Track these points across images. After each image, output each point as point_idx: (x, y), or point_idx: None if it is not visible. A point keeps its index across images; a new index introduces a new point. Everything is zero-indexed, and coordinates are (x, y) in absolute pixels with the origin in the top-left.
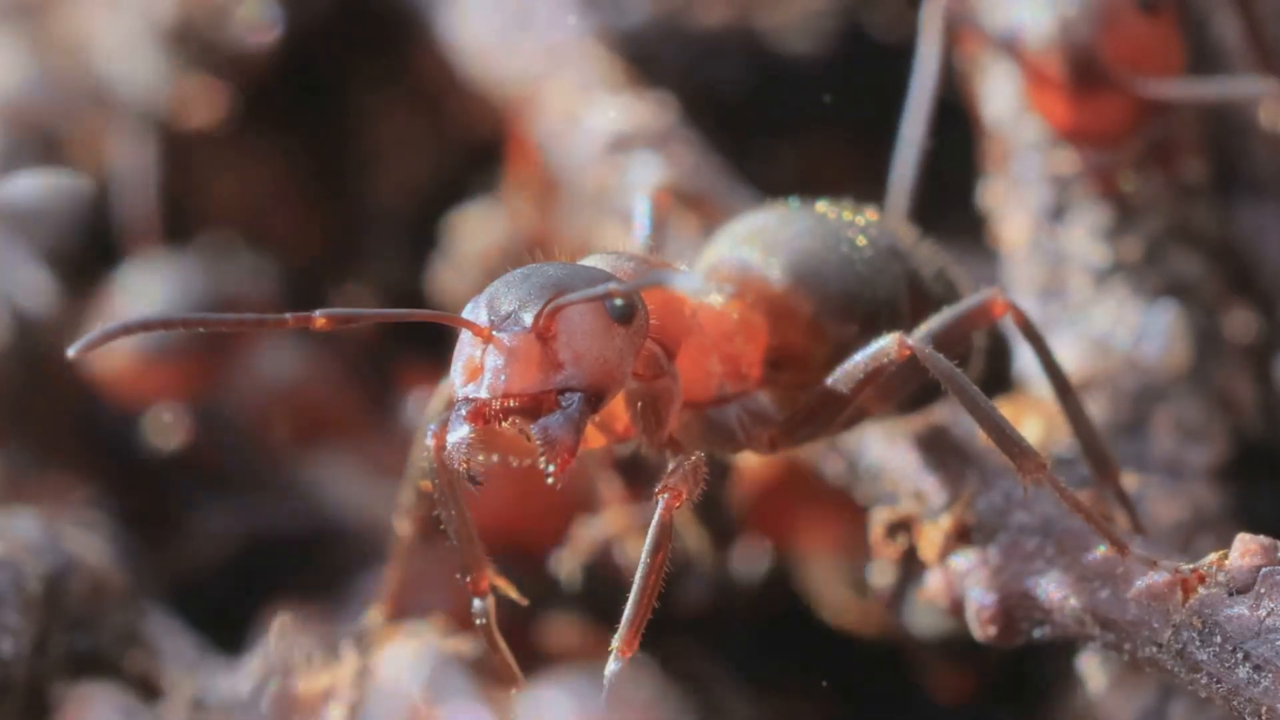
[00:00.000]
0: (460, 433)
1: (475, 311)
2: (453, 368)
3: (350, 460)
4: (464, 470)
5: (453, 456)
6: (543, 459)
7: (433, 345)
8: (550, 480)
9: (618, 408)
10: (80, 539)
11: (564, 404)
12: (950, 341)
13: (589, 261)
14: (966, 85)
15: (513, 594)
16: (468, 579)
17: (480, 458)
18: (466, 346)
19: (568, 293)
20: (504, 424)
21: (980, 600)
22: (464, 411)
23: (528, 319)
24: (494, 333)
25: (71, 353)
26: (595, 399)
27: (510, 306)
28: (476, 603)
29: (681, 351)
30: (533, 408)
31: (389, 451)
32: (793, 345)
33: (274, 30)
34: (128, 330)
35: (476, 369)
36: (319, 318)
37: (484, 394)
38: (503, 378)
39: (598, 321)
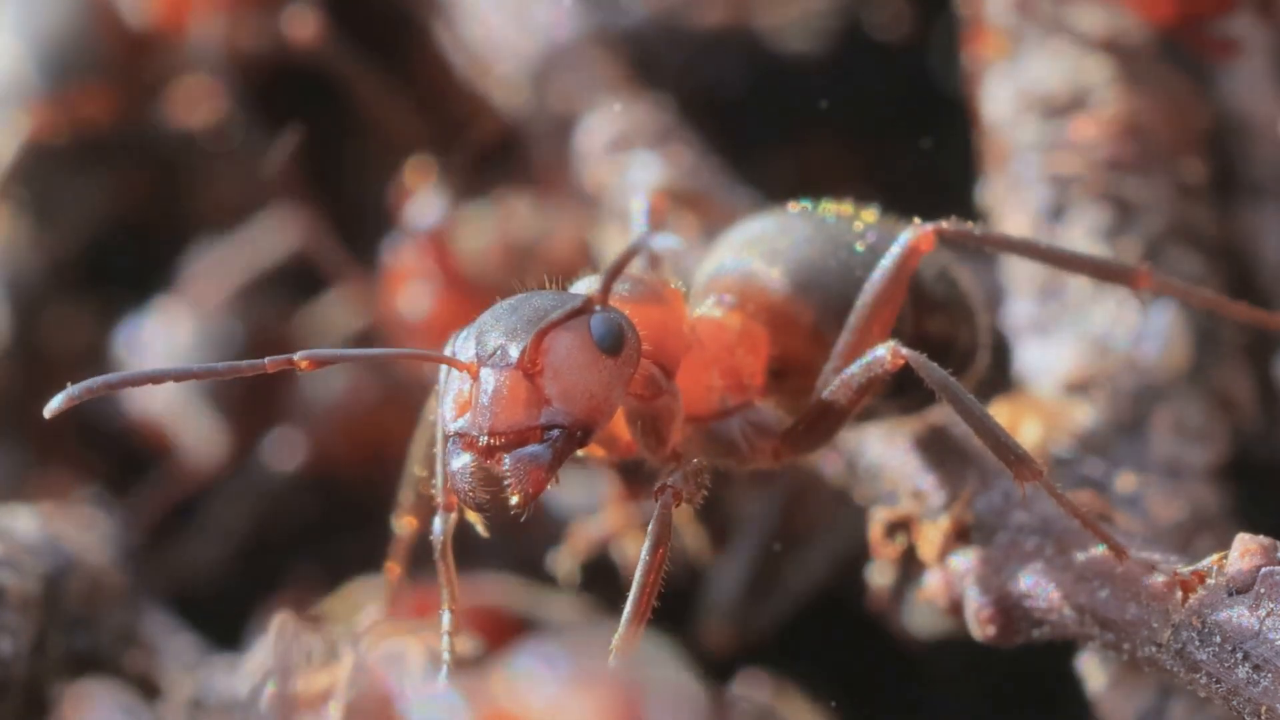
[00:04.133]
0: (461, 461)
1: (465, 345)
2: (443, 401)
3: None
4: (471, 499)
5: (457, 485)
6: (509, 490)
7: None
8: (513, 512)
9: (619, 426)
10: (80, 539)
11: (546, 439)
12: (895, 293)
13: (582, 284)
14: (971, 84)
15: (481, 527)
16: (432, 494)
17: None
18: (455, 380)
19: (560, 324)
20: (491, 460)
21: (979, 600)
22: (459, 443)
23: (514, 354)
24: (481, 368)
25: (48, 412)
26: (582, 433)
27: (497, 341)
28: (436, 521)
29: (681, 368)
30: (519, 442)
31: None
32: (795, 354)
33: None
34: (109, 387)
35: (466, 403)
36: (300, 360)
37: (472, 431)
38: (488, 415)
39: (584, 354)
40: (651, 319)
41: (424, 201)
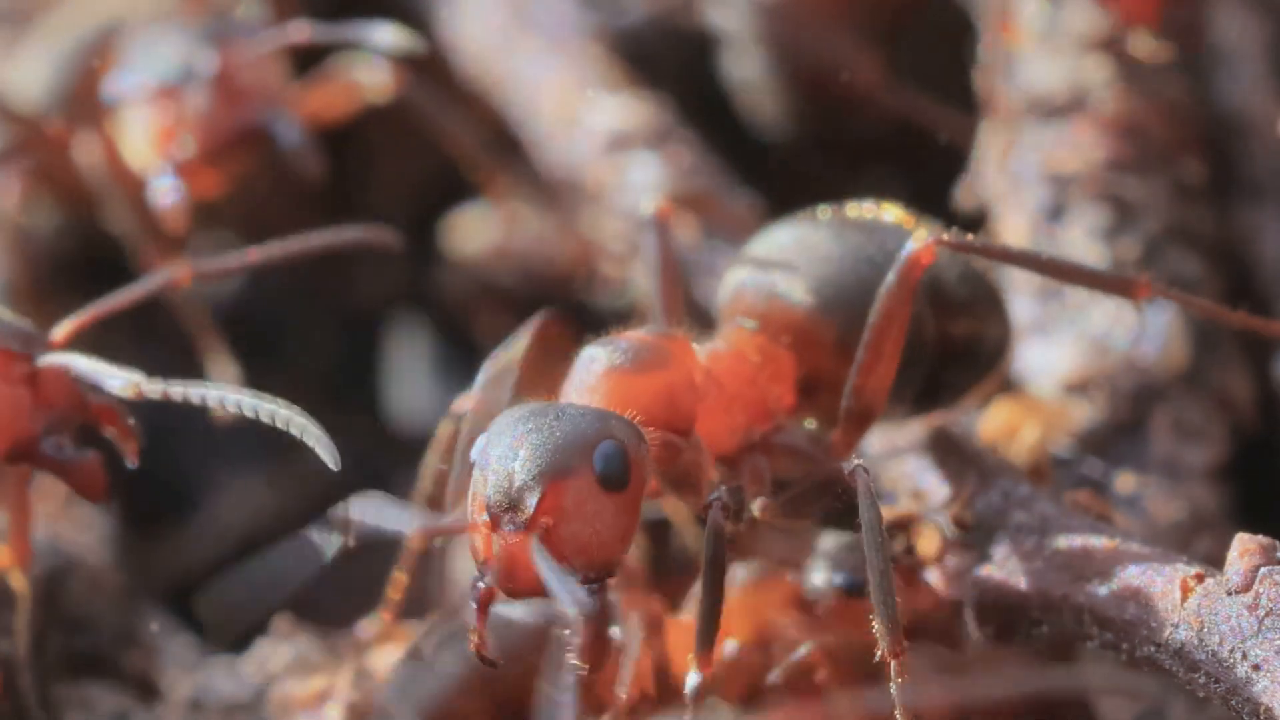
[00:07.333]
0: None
1: (478, 479)
2: (470, 545)
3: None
4: (475, 654)
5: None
6: (574, 654)
7: None
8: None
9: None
10: (79, 539)
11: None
12: (901, 309)
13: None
14: (988, 76)
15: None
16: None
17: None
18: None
19: (562, 475)
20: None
21: (979, 600)
22: (478, 595)
23: (522, 516)
24: (495, 528)
25: None
26: (603, 574)
27: (503, 497)
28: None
29: (700, 418)
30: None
31: None
32: (823, 370)
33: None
34: None
35: (486, 553)
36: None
37: (494, 585)
38: (510, 579)
39: (591, 504)
40: (657, 387)
41: None
